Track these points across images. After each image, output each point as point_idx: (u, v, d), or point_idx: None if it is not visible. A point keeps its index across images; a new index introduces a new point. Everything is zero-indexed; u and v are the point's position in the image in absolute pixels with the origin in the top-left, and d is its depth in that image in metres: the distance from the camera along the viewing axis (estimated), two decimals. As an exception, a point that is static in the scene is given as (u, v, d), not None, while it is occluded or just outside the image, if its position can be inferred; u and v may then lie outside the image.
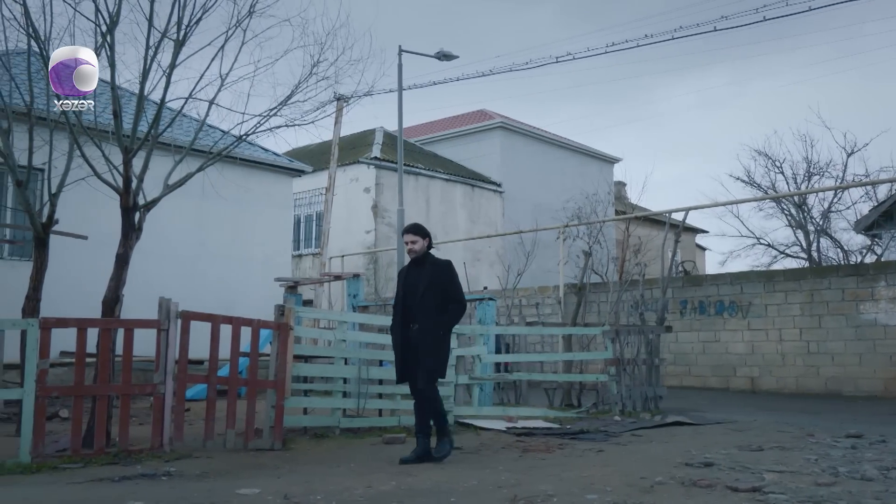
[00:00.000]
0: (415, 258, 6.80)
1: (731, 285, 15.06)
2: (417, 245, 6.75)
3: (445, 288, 6.70)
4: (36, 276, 8.21)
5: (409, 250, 6.80)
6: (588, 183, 26.95)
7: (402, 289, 6.80)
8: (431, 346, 6.56)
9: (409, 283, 6.77)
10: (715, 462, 6.03)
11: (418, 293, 6.64)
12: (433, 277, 6.68)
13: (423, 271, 6.72)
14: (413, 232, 6.82)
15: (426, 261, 6.78)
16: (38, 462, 6.07)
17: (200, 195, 12.15)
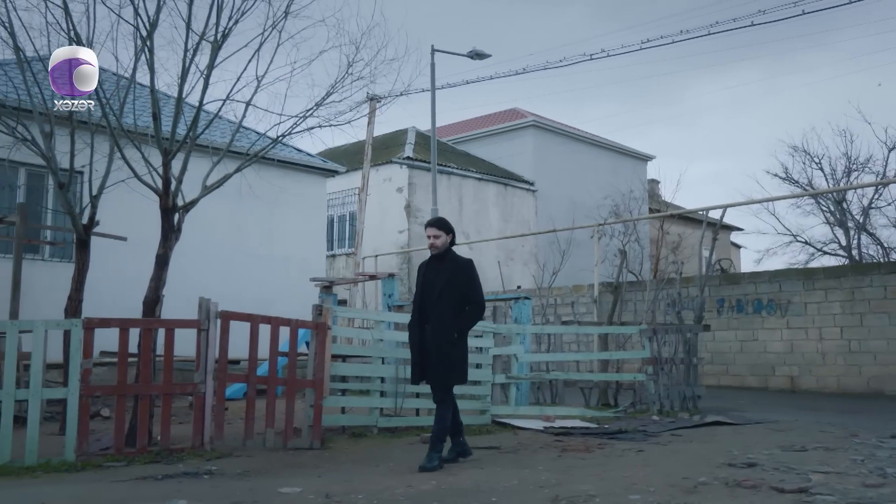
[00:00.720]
0: (436, 254, 6.51)
1: (770, 283, 14.87)
2: (440, 240, 6.45)
3: (464, 288, 6.43)
4: (78, 276, 8.32)
5: (431, 245, 6.50)
6: (621, 181, 26.77)
7: (421, 286, 6.53)
8: (444, 350, 6.29)
9: (427, 279, 6.49)
10: (758, 462, 5.95)
11: (435, 291, 6.37)
12: (452, 276, 6.41)
13: (442, 268, 6.45)
14: (436, 226, 6.52)
15: (447, 258, 6.50)
16: (83, 460, 6.17)
17: (236, 196, 12.26)
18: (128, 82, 8.07)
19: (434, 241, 6.47)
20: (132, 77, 7.96)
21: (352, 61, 8.59)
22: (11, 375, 6.17)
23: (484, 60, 19.30)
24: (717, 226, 14.16)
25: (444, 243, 6.47)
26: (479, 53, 18.95)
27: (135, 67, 7.85)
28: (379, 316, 9.04)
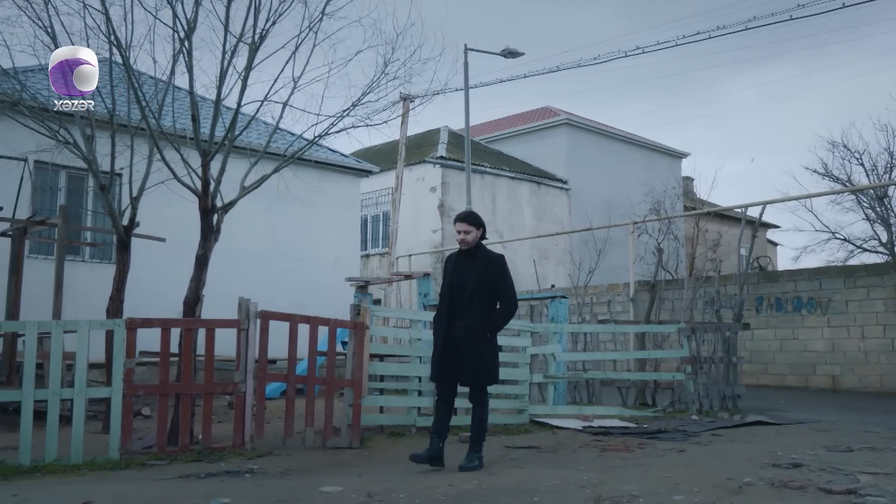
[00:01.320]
0: (466, 249, 6.27)
1: (810, 281, 14.64)
2: (470, 236, 6.22)
3: (497, 284, 6.25)
4: (119, 277, 8.42)
5: (461, 241, 6.25)
6: (656, 178, 26.57)
7: (450, 280, 6.25)
8: (480, 349, 6.14)
9: (457, 275, 6.23)
10: (803, 463, 5.85)
11: (467, 288, 6.14)
12: (484, 272, 6.21)
13: (474, 264, 6.23)
14: (466, 221, 6.27)
15: (478, 253, 6.29)
16: (127, 459, 6.24)
17: (271, 197, 12.34)
18: (165, 85, 8.15)
19: (465, 236, 6.23)
20: (170, 79, 8.03)
21: (388, 61, 8.60)
22: (57, 375, 6.26)
23: (517, 59, 19.25)
24: (756, 223, 13.98)
25: (474, 238, 6.26)
26: (513, 52, 18.90)
27: (172, 70, 7.92)
28: (415, 315, 9.04)
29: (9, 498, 4.84)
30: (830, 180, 26.53)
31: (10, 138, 9.57)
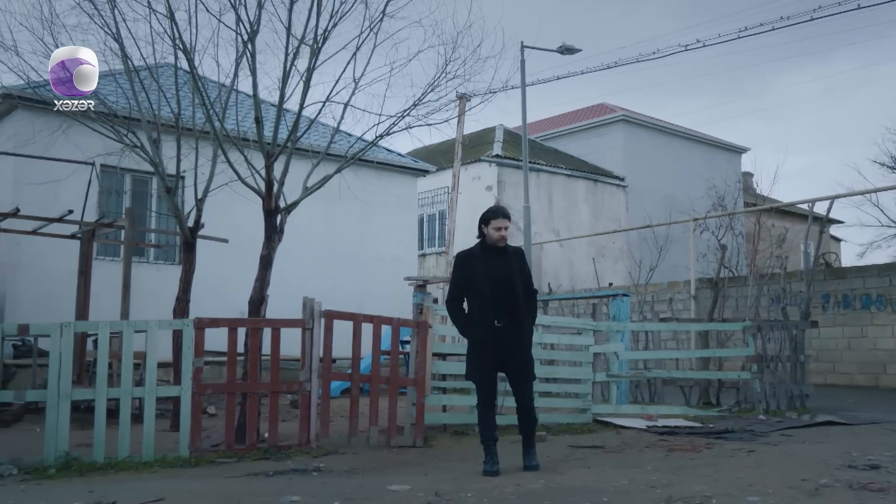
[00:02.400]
0: (502, 245, 6.04)
1: (879, 277, 14.21)
2: (507, 231, 6.07)
3: (528, 276, 6.19)
4: (185, 278, 8.57)
5: (501, 237, 6.00)
6: (715, 174, 26.01)
7: (490, 277, 5.93)
8: (530, 347, 6.13)
9: (496, 270, 5.97)
10: (881, 464, 5.67)
11: (512, 283, 5.96)
12: (521, 265, 6.12)
13: (508, 259, 6.05)
14: (507, 216, 6.09)
15: (508, 248, 6.12)
16: (196, 456, 6.34)
17: (331, 197, 12.43)
18: (229, 88, 8.27)
19: (504, 232, 6.02)
20: (233, 82, 8.15)
21: (448, 60, 8.60)
22: (128, 374, 6.39)
23: (573, 56, 19.09)
24: (823, 219, 13.63)
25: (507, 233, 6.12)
26: (569, 48, 18.75)
27: (236, 73, 8.03)
28: (476, 314, 9.01)
29: (85, 494, 4.96)
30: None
31: (78, 143, 9.82)
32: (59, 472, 5.80)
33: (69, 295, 10.62)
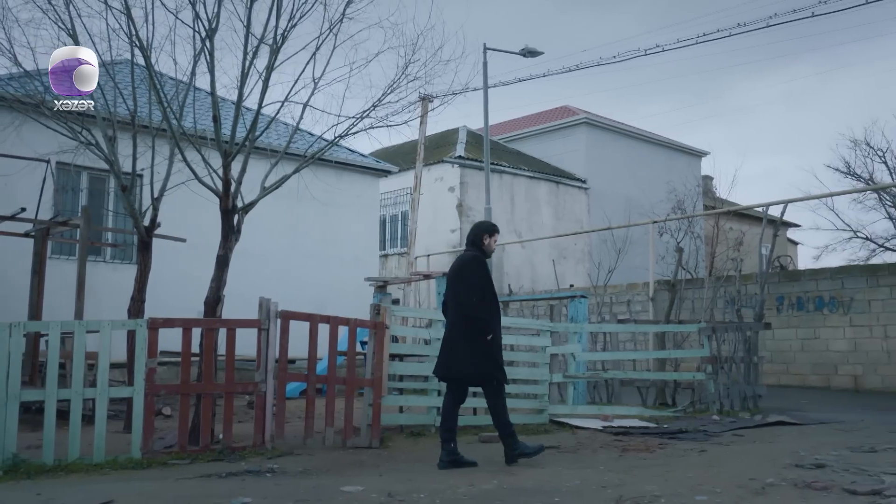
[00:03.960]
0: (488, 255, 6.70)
1: (832, 280, 14.50)
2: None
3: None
4: (140, 277, 8.48)
5: (493, 250, 6.76)
6: (675, 177, 26.33)
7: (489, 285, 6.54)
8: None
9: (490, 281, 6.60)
10: (827, 463, 5.79)
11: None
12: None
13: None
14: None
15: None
16: (149, 458, 6.28)
17: (292, 197, 12.37)
18: (186, 86, 8.19)
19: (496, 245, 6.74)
20: (191, 80, 8.08)
21: (408, 62, 8.60)
22: (80, 375, 6.31)
23: (536, 59, 19.21)
24: (777, 222, 13.87)
25: None
26: (532, 51, 18.86)
27: (193, 71, 7.96)
28: (434, 315, 9.03)
29: (33, 497, 4.89)
30: (852, 179, 26.30)
31: (33, 140, 9.64)
32: (7, 474, 5.70)
33: (22, 295, 10.44)
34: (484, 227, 6.71)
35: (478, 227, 6.75)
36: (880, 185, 24.83)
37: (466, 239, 6.80)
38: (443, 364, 6.46)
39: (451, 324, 6.50)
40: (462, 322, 6.32)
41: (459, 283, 6.41)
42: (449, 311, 6.57)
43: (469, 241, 6.70)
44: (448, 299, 6.60)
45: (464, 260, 6.54)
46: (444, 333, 6.64)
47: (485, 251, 6.61)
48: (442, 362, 6.47)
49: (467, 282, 6.38)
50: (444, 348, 6.50)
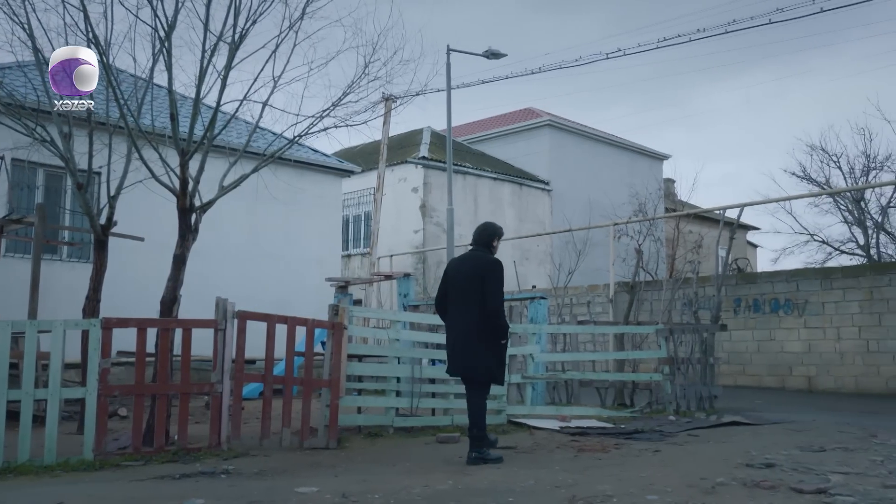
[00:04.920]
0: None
1: (787, 283, 14.76)
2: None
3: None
4: (96, 277, 8.38)
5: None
6: (637, 180, 26.66)
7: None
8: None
9: None
10: (776, 463, 5.91)
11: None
12: None
13: None
14: None
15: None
16: (101, 459, 6.21)
17: (253, 197, 12.30)
18: (145, 83, 8.11)
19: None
20: (150, 78, 8.00)
21: (368, 62, 8.60)
22: (31, 375, 6.21)
23: (500, 61, 19.28)
24: (734, 225, 14.08)
25: None
26: (495, 53, 18.93)
27: (152, 68, 7.88)
28: (395, 315, 9.05)
29: (-21, 499, 4.81)
30: (809, 183, 26.78)
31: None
32: (-47, 476, 5.61)
33: (-26, 293, 10.27)
34: (496, 230, 6.84)
35: (490, 228, 6.83)
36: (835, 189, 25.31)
37: (475, 237, 6.78)
38: (455, 362, 6.52)
39: (462, 322, 6.45)
40: (482, 322, 6.35)
41: (481, 285, 6.38)
42: (455, 309, 6.54)
43: (481, 241, 6.71)
44: (456, 297, 6.55)
45: (486, 263, 6.52)
46: (451, 331, 6.60)
47: (492, 253, 6.74)
48: (454, 361, 6.52)
49: (494, 286, 6.41)
50: (455, 347, 6.51)
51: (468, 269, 6.53)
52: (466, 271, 6.53)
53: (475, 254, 6.67)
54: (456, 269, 6.69)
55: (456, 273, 6.64)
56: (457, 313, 6.50)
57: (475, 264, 6.53)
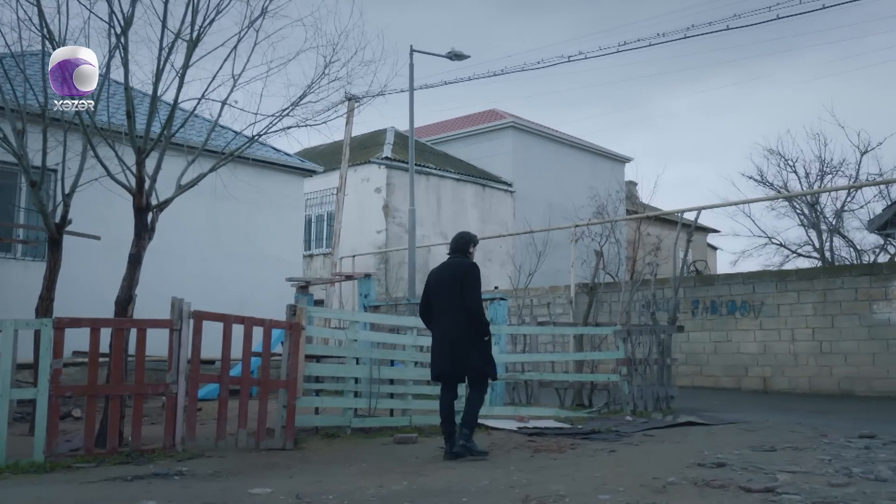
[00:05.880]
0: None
1: (744, 285, 14.99)
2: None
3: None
4: (49, 276, 8.25)
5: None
6: (600, 182, 26.88)
7: None
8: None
9: None
10: (727, 462, 6.01)
11: None
12: None
13: None
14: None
15: None
16: (52, 461, 6.11)
17: (214, 196, 12.22)
18: (101, 79, 8.00)
19: None
20: (105, 74, 7.89)
21: (329, 62, 8.58)
22: (-20, 375, 6.10)
23: (463, 63, 19.32)
24: (691, 227, 14.27)
25: None
26: (458, 54, 18.97)
27: (108, 65, 7.79)
28: (353, 316, 9.03)
29: (-75, 502, 4.72)
30: (766, 187, 27.18)
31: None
32: None
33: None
34: (471, 238, 7.27)
35: (466, 236, 7.28)
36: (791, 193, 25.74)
37: (452, 246, 7.19)
38: (443, 363, 6.78)
39: (447, 325, 6.76)
40: (466, 323, 6.67)
41: (461, 288, 6.73)
42: (440, 314, 6.85)
43: (457, 248, 7.13)
44: (441, 302, 6.85)
45: (465, 267, 6.89)
46: (438, 335, 6.88)
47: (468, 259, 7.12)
48: (442, 362, 6.78)
49: (472, 288, 6.76)
50: (443, 348, 6.77)
51: (448, 276, 6.90)
52: (447, 278, 6.89)
53: (452, 261, 7.04)
54: (437, 277, 7.02)
55: (437, 281, 6.98)
56: (442, 318, 6.83)
57: (453, 270, 6.91)
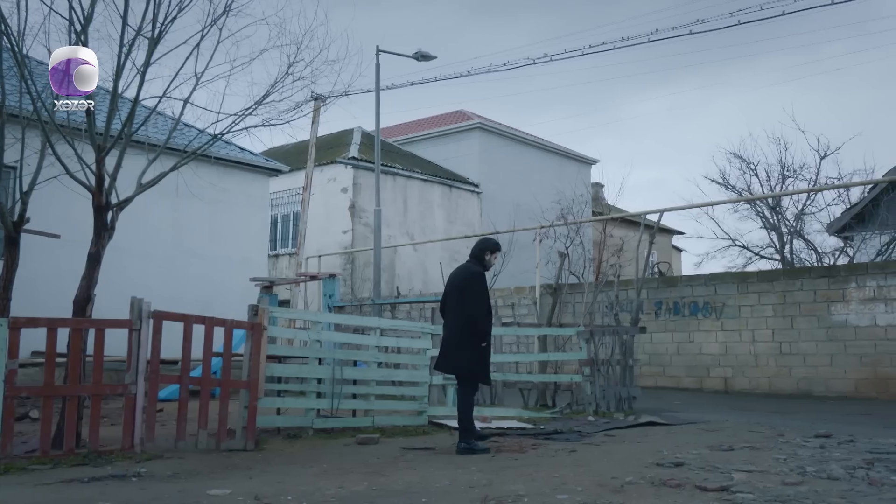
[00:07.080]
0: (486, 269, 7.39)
1: (706, 286, 15.17)
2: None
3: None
4: (6, 275, 8.09)
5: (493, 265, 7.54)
6: (566, 184, 27.01)
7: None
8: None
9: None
10: (685, 462, 6.08)
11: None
12: None
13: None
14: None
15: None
16: (6, 463, 6.01)
17: (178, 195, 12.07)
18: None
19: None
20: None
21: (293, 61, 8.53)
22: (-68, 376, 5.99)
23: (430, 64, 19.35)
24: (654, 229, 14.40)
25: None
26: (425, 55, 18.98)
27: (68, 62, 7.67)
28: (317, 316, 9.00)
29: None
30: (729, 190, 27.47)
31: None
32: None
33: None
34: (488, 244, 7.43)
35: (484, 242, 7.48)
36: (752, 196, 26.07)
37: (471, 252, 7.41)
38: (438, 359, 7.33)
39: (452, 326, 7.15)
40: (465, 327, 7.01)
41: (464, 295, 7.08)
42: (448, 313, 7.27)
43: (473, 254, 7.36)
44: (449, 303, 7.25)
45: (470, 274, 7.21)
46: (446, 333, 7.30)
47: (485, 265, 7.35)
48: (439, 358, 7.32)
49: (473, 295, 7.06)
50: (442, 346, 7.31)
51: (456, 279, 7.28)
52: (455, 281, 7.28)
53: (463, 265, 7.41)
54: (451, 278, 7.39)
55: (450, 282, 7.37)
56: (449, 317, 7.25)
57: (462, 275, 7.26)
